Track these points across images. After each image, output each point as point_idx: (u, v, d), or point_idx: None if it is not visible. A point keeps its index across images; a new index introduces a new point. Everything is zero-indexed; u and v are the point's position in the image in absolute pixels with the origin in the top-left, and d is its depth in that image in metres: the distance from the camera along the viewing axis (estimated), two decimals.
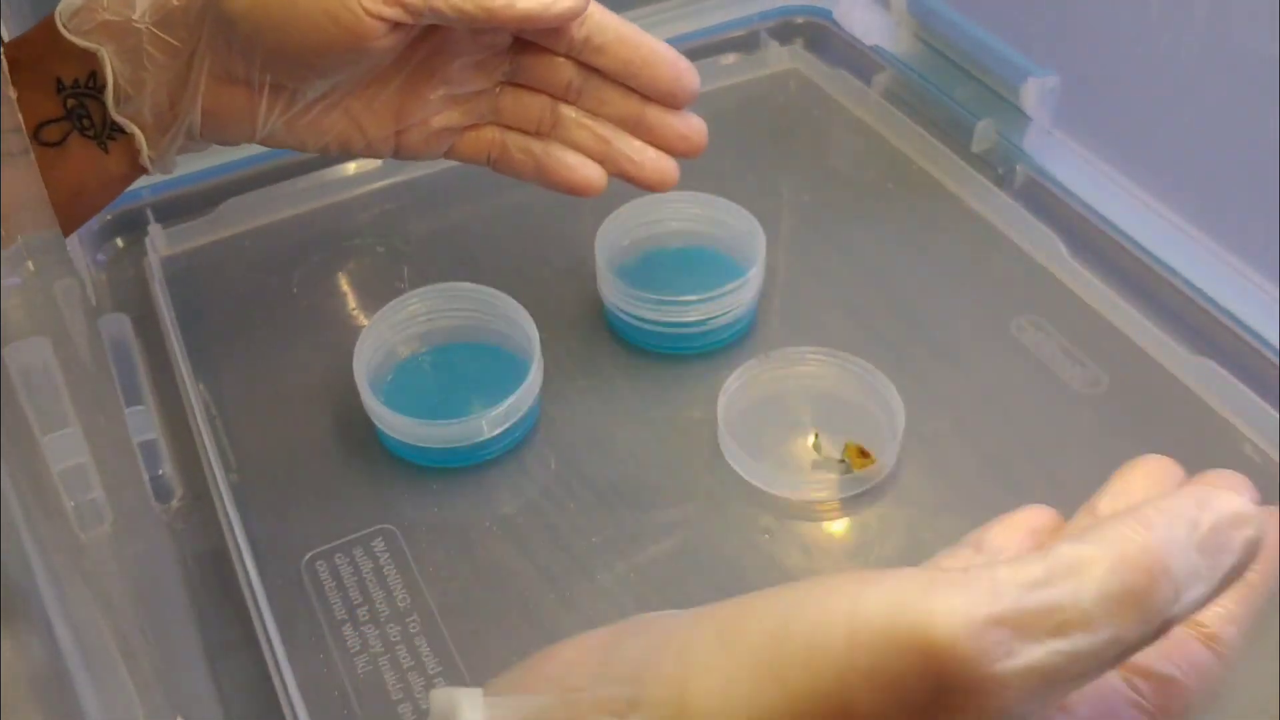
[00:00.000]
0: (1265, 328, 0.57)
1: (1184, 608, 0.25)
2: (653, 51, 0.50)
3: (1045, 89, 0.67)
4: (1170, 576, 0.25)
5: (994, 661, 0.23)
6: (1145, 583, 0.24)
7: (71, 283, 0.51)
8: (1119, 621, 0.24)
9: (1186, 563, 0.25)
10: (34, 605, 0.28)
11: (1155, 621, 0.24)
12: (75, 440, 0.40)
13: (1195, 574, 0.25)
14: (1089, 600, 0.24)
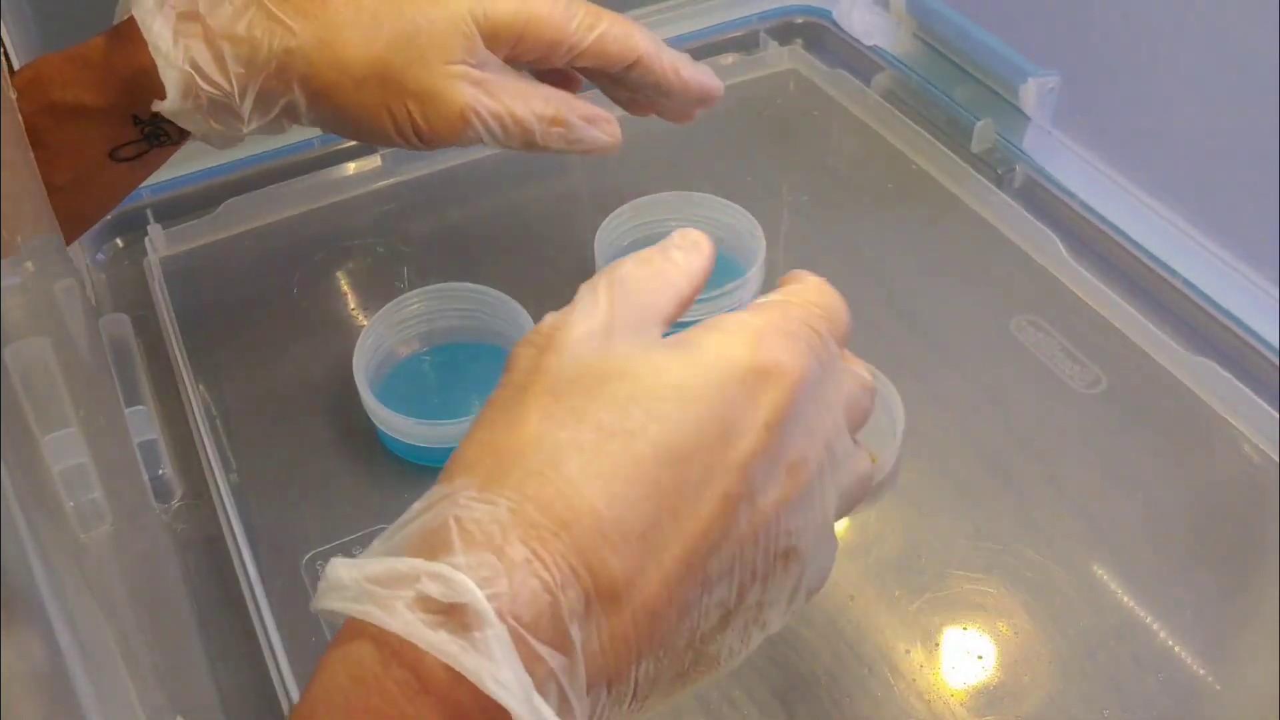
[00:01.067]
0: (1264, 327, 0.57)
1: None
2: (684, 84, 0.53)
3: (1045, 89, 0.67)
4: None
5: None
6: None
7: (71, 283, 0.51)
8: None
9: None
10: (34, 605, 0.28)
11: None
12: (75, 440, 0.40)
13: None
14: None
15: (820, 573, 0.35)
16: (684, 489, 0.31)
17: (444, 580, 0.29)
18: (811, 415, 0.34)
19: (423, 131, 0.49)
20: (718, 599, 0.32)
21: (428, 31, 0.48)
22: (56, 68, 0.47)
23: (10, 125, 0.42)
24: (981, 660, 0.47)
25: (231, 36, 0.46)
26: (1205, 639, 0.48)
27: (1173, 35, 0.60)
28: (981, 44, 0.71)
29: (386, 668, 0.29)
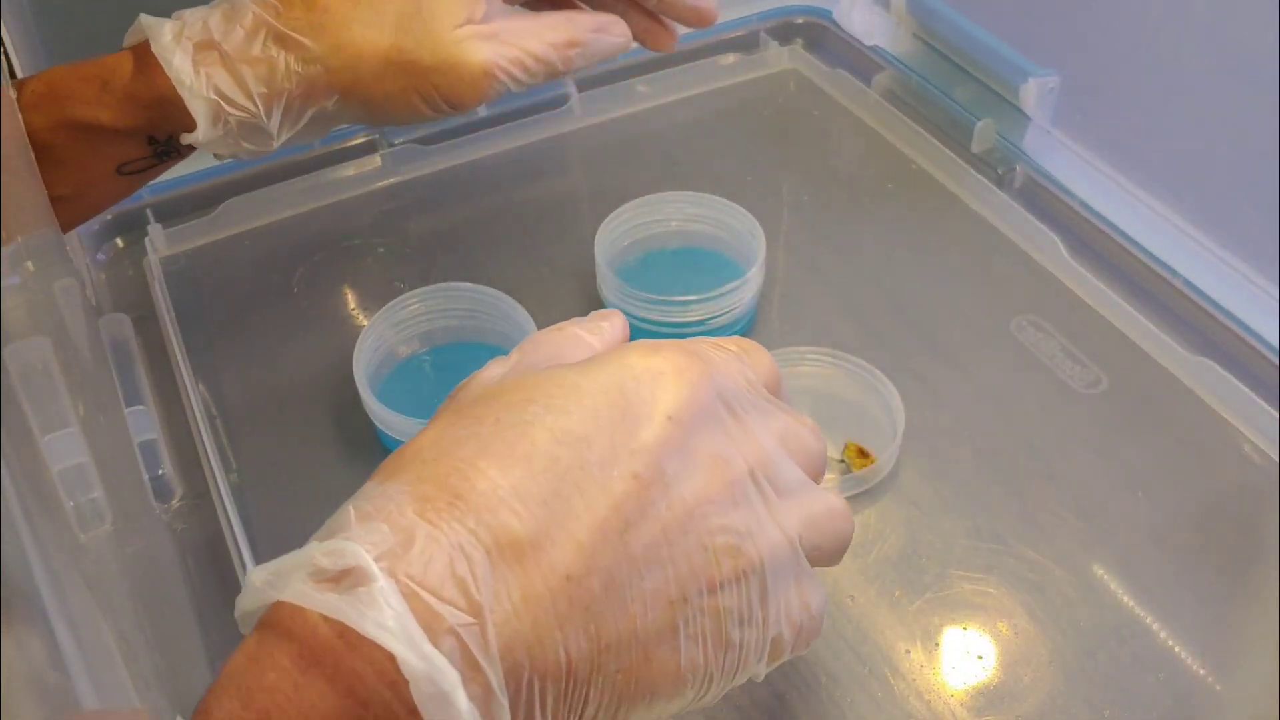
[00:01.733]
0: (1265, 328, 0.57)
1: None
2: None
3: (1045, 89, 0.67)
4: None
5: None
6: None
7: (71, 283, 0.51)
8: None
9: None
10: (34, 605, 0.28)
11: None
12: (75, 440, 0.40)
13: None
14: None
15: (804, 611, 0.35)
16: (586, 467, 0.31)
17: (335, 552, 0.29)
18: (728, 422, 0.34)
19: (450, 98, 0.49)
20: (654, 586, 0.31)
21: (428, 3, 0.48)
22: (74, 85, 0.47)
23: (10, 125, 0.42)
24: (981, 660, 0.47)
25: (249, 59, 0.47)
26: (1205, 639, 0.48)
27: (1173, 35, 0.60)
28: (982, 44, 0.71)
29: (280, 644, 0.29)
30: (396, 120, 0.51)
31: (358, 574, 0.29)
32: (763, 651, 0.35)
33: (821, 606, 0.36)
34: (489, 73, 0.49)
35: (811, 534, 0.35)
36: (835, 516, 0.37)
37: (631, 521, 0.31)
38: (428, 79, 0.49)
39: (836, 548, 0.37)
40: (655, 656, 0.32)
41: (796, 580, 0.35)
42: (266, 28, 0.48)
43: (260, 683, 0.29)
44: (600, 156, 0.71)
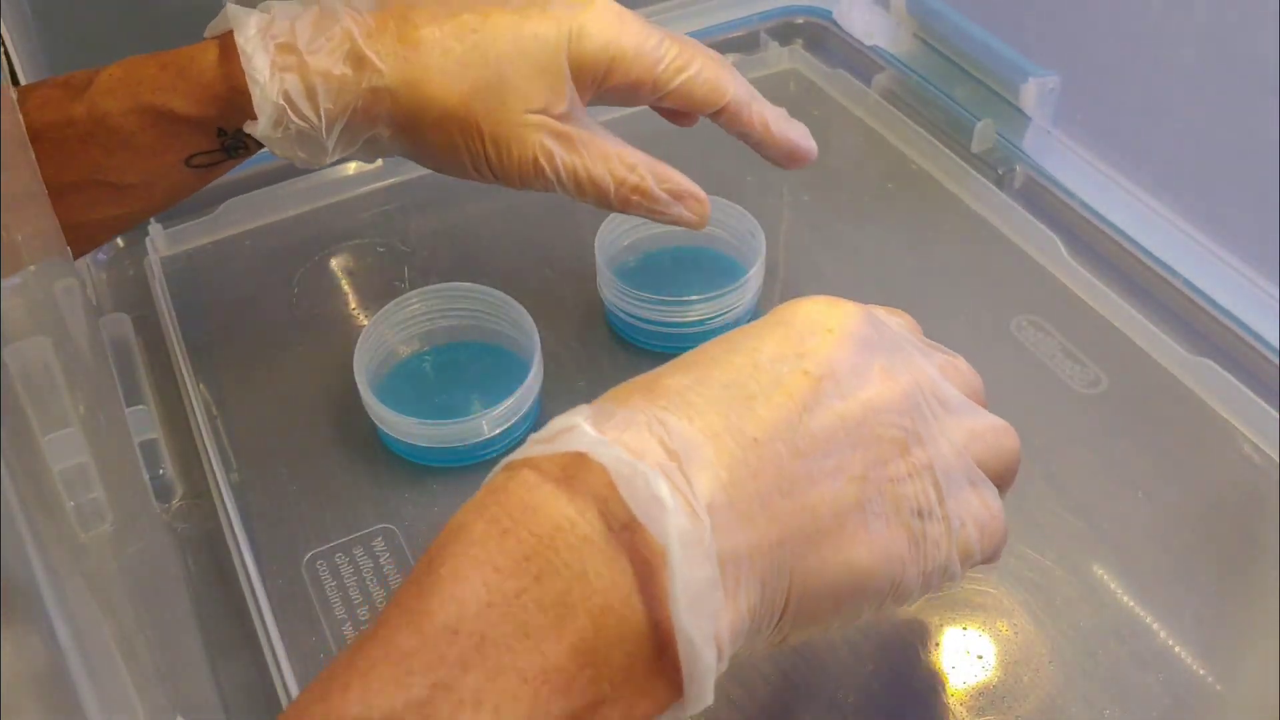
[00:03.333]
0: (1264, 327, 0.58)
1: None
2: (772, 139, 0.55)
3: (1045, 89, 0.68)
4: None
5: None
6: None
7: (71, 283, 0.51)
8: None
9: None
10: (34, 605, 0.28)
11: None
12: (76, 440, 0.40)
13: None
14: None
15: (985, 510, 0.38)
16: (760, 365, 0.35)
17: (548, 427, 0.35)
18: (889, 346, 0.37)
19: (497, 170, 0.50)
20: (835, 462, 0.34)
21: (511, 81, 0.48)
22: (150, 71, 0.48)
23: (11, 126, 0.42)
24: (981, 660, 0.47)
25: (324, 74, 0.48)
26: (1205, 639, 0.48)
27: (1173, 35, 0.60)
28: (982, 44, 0.71)
29: (511, 481, 0.34)
30: (442, 169, 0.52)
31: (570, 433, 0.33)
32: (951, 549, 0.37)
33: (1001, 510, 0.39)
34: (536, 163, 0.49)
35: (978, 448, 0.38)
36: (1000, 433, 0.40)
37: (808, 406, 0.35)
38: (482, 142, 0.49)
39: (1005, 463, 0.40)
40: (846, 525, 0.34)
41: (972, 485, 0.38)
42: (351, 45, 0.48)
43: (505, 496, 0.33)
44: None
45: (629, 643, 0.31)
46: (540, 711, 0.30)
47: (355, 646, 0.31)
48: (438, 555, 0.32)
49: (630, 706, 0.32)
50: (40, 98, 0.47)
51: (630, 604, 0.31)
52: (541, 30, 0.49)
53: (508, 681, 0.30)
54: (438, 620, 0.30)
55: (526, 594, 0.31)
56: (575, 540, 0.32)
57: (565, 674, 0.30)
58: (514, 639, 0.30)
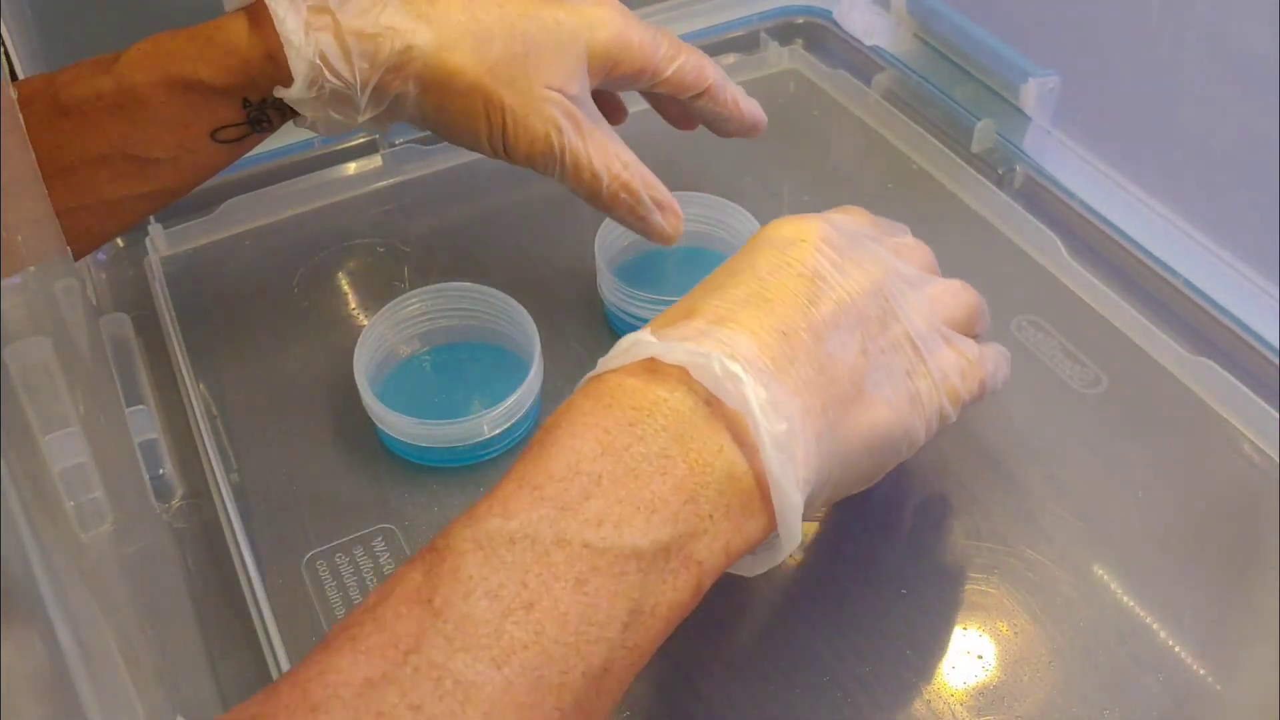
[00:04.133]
0: (1264, 327, 0.57)
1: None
2: (739, 114, 0.60)
3: (1045, 89, 0.67)
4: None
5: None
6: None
7: (71, 283, 0.51)
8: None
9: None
10: (34, 604, 0.28)
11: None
12: (76, 440, 0.40)
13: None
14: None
15: (961, 359, 0.45)
16: (762, 277, 0.42)
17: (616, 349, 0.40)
18: (854, 244, 0.45)
19: (509, 143, 0.52)
20: (842, 340, 0.41)
21: (536, 53, 0.51)
22: (178, 43, 0.49)
23: (11, 126, 0.42)
24: (981, 660, 0.47)
25: (359, 33, 0.49)
26: (1205, 639, 0.48)
27: (1173, 35, 0.60)
28: (982, 44, 0.71)
29: (597, 383, 0.39)
30: (454, 137, 0.53)
31: (637, 345, 0.39)
32: (941, 398, 0.44)
33: (977, 353, 0.46)
34: (549, 137, 0.52)
35: (942, 309, 0.46)
36: (957, 291, 0.48)
37: (812, 300, 0.41)
38: (501, 112, 0.51)
39: (968, 314, 0.48)
40: (864, 390, 0.41)
41: (946, 342, 0.45)
42: (384, 7, 0.49)
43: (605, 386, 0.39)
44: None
45: (722, 484, 0.37)
46: (651, 534, 0.35)
47: (493, 488, 0.36)
48: (553, 424, 0.38)
49: (727, 539, 0.37)
50: (70, 74, 0.48)
51: (722, 455, 0.37)
52: (562, 16, 0.52)
53: (623, 508, 0.36)
54: (561, 462, 0.36)
55: (633, 448, 0.37)
56: (668, 410, 0.38)
57: (670, 506, 0.36)
58: (626, 478, 0.36)
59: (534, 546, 0.34)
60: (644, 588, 0.35)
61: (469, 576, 0.34)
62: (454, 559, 0.34)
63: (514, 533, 0.34)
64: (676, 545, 0.36)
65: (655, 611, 0.36)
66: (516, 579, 0.34)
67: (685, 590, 0.36)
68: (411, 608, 0.33)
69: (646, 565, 0.35)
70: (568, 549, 0.34)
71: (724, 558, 0.37)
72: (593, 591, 0.34)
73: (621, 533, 0.35)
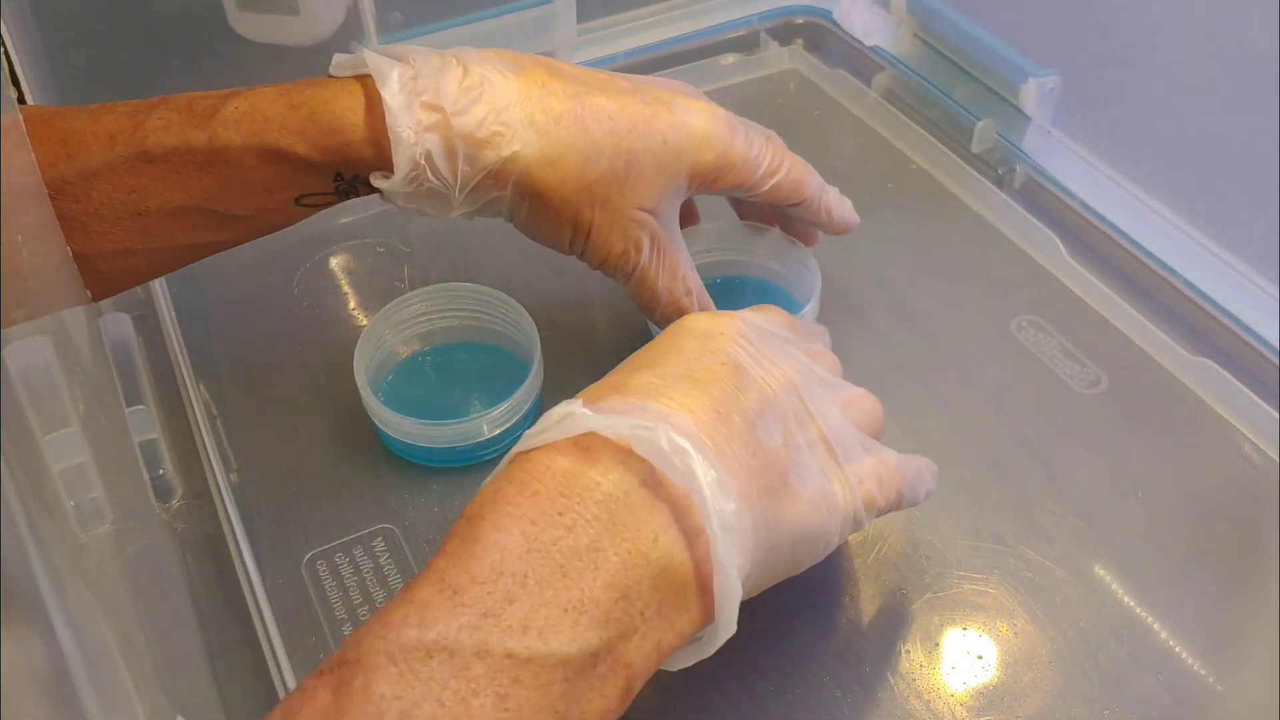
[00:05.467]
0: (1264, 327, 0.58)
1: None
2: (830, 223, 0.58)
3: (1045, 89, 0.67)
4: None
5: None
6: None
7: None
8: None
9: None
10: (35, 604, 0.28)
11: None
12: (76, 440, 0.40)
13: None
14: None
15: (880, 466, 0.44)
16: (689, 360, 0.42)
17: (547, 418, 0.39)
18: (766, 344, 0.44)
19: (587, 252, 0.52)
20: (767, 431, 0.40)
21: (636, 174, 0.50)
22: (278, 110, 0.47)
23: (11, 127, 0.42)
24: (981, 660, 0.47)
25: (468, 137, 0.47)
26: (1205, 639, 0.48)
27: (1173, 35, 0.60)
28: (982, 44, 0.71)
29: (527, 469, 0.37)
30: (537, 239, 0.52)
31: (571, 419, 0.38)
32: (855, 502, 0.43)
33: (897, 462, 0.45)
34: (625, 258, 0.51)
35: (854, 414, 0.45)
36: (865, 398, 0.46)
37: (739, 386, 0.41)
38: (586, 229, 0.50)
39: (875, 422, 0.46)
40: (788, 483, 0.40)
41: (863, 448, 0.44)
42: (496, 111, 0.48)
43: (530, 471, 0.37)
44: None
45: (656, 578, 0.36)
46: (579, 640, 0.34)
47: (407, 587, 0.34)
48: (476, 514, 0.36)
49: (659, 636, 0.36)
50: (162, 120, 0.46)
51: (657, 545, 0.36)
52: (671, 136, 0.50)
53: (550, 611, 0.34)
54: (484, 562, 0.34)
55: (561, 542, 0.35)
56: (601, 496, 0.36)
57: (600, 605, 0.34)
58: (554, 577, 0.34)
59: (453, 660, 0.32)
60: (569, 698, 0.33)
61: (380, 696, 0.32)
62: (365, 675, 0.32)
63: (431, 645, 0.32)
64: (605, 649, 0.34)
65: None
66: (433, 697, 0.32)
67: (613, 696, 0.35)
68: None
69: (574, 674, 0.33)
70: (489, 660, 0.32)
71: (655, 658, 0.36)
72: (515, 707, 0.32)
73: (547, 640, 0.33)
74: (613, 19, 0.79)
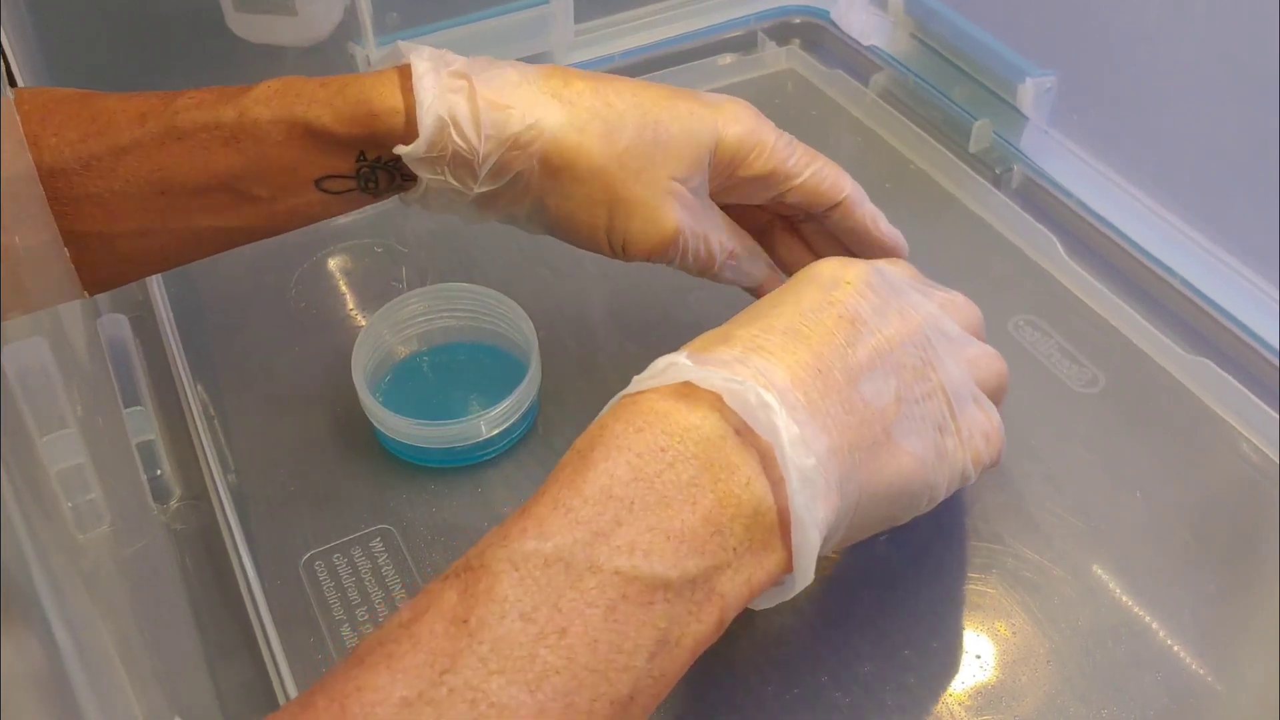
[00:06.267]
0: (1263, 327, 0.58)
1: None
2: (880, 236, 0.56)
3: (1042, 89, 0.68)
4: None
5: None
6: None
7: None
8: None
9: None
10: (32, 606, 0.28)
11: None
12: (73, 441, 0.40)
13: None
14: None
15: (988, 422, 0.46)
16: (804, 313, 0.43)
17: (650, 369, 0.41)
18: (897, 292, 0.45)
19: (630, 242, 0.50)
20: (876, 387, 0.42)
21: (666, 143, 0.49)
22: (310, 87, 0.48)
23: (10, 128, 0.42)
24: (979, 659, 0.47)
25: (492, 102, 0.47)
26: (1204, 639, 0.48)
27: (1171, 35, 0.60)
28: (979, 44, 0.71)
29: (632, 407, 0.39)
30: (573, 233, 0.51)
31: (674, 368, 0.40)
32: (965, 458, 0.44)
33: (1000, 422, 0.46)
34: (678, 234, 0.50)
35: (975, 371, 0.46)
36: (992, 357, 0.47)
37: (850, 341, 0.42)
38: (625, 208, 0.49)
39: (998, 382, 0.47)
40: (891, 438, 0.42)
41: (975, 402, 0.45)
42: (521, 80, 0.48)
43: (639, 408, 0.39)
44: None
45: (748, 519, 0.37)
46: (679, 566, 0.36)
47: (524, 507, 0.37)
48: (586, 446, 0.38)
49: (750, 573, 0.38)
50: (194, 98, 0.47)
51: (750, 489, 0.38)
52: (695, 109, 0.50)
53: (654, 536, 0.36)
54: (595, 486, 0.37)
55: (664, 475, 0.37)
56: (699, 438, 0.38)
57: (698, 537, 0.36)
58: (657, 506, 0.37)
59: (568, 571, 0.35)
60: (670, 618, 0.36)
61: (504, 598, 0.34)
62: (489, 579, 0.34)
63: (549, 555, 0.35)
64: (703, 578, 0.36)
65: (680, 643, 0.36)
66: (550, 603, 0.34)
67: (709, 623, 0.37)
68: (447, 627, 0.34)
69: (673, 596, 0.36)
70: (599, 575, 0.35)
71: (746, 592, 0.38)
72: (622, 619, 0.35)
73: (651, 562, 0.35)
74: (610, 19, 0.79)
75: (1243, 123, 0.58)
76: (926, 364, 0.44)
